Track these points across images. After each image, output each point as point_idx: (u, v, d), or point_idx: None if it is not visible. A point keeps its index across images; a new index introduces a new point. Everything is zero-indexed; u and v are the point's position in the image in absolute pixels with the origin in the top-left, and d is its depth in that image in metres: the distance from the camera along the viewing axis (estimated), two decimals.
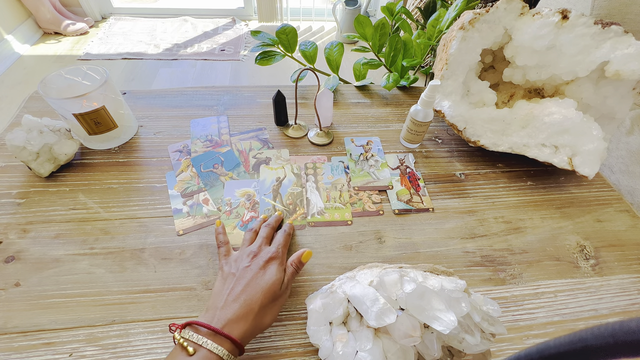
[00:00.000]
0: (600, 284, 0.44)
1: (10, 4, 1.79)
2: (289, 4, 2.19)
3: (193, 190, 0.51)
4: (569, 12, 0.49)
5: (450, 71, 0.54)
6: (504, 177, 0.57)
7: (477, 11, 0.51)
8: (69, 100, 0.48)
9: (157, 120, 0.62)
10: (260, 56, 0.68)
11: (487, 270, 0.45)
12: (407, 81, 0.72)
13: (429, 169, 0.57)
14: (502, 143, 0.55)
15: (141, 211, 0.48)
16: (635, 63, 0.46)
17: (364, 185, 0.54)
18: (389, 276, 0.33)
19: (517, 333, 0.39)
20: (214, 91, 0.69)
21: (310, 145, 0.60)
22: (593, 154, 0.50)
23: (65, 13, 1.99)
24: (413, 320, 0.30)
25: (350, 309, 0.34)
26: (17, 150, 0.47)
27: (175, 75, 1.78)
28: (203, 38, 2.08)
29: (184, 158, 0.55)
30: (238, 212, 0.49)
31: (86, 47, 1.90)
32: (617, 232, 0.50)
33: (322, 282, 0.42)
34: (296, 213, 0.50)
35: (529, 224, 0.51)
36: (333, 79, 0.66)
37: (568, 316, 0.41)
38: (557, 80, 0.54)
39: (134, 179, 0.52)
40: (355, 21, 0.68)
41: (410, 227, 0.49)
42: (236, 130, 0.61)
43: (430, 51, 0.72)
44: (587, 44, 0.48)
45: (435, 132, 0.64)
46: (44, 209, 0.47)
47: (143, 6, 2.26)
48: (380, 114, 0.67)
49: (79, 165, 0.53)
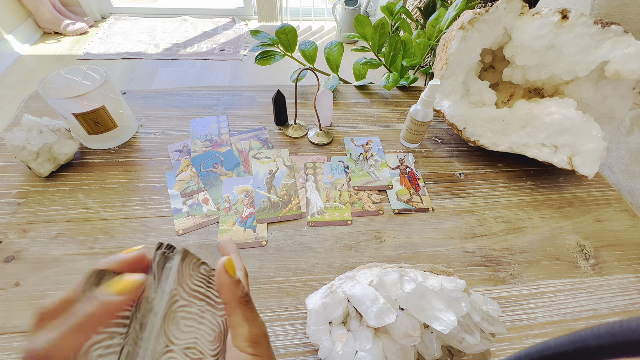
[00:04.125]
0: (600, 284, 0.44)
1: (10, 4, 1.79)
2: (289, 4, 2.19)
3: (193, 190, 0.51)
4: (568, 12, 0.49)
5: (450, 71, 0.54)
6: (504, 177, 0.57)
7: (477, 11, 0.51)
8: (69, 100, 0.48)
9: (157, 120, 0.62)
10: (260, 56, 0.67)
11: (487, 270, 0.45)
12: (407, 81, 0.72)
13: (429, 169, 0.57)
14: (502, 143, 0.55)
15: (141, 211, 0.48)
16: (635, 63, 0.46)
17: (364, 185, 0.54)
18: (389, 276, 0.33)
19: (517, 333, 0.39)
20: (214, 91, 0.69)
21: (310, 145, 0.60)
22: (593, 154, 0.50)
23: (65, 13, 1.99)
24: (413, 320, 0.30)
25: (350, 309, 0.34)
26: (17, 150, 0.47)
27: (175, 75, 1.78)
28: (203, 38, 2.08)
29: (184, 158, 0.55)
30: (237, 209, 0.49)
31: (86, 47, 1.90)
32: (617, 232, 0.50)
33: (322, 282, 0.42)
34: (291, 204, 0.50)
35: (529, 224, 0.51)
36: (333, 79, 0.66)
37: (568, 316, 0.41)
38: (557, 80, 0.54)
39: (134, 179, 0.52)
40: (355, 21, 0.68)
41: (410, 227, 0.49)
42: (236, 130, 0.61)
43: (430, 51, 0.72)
44: (587, 44, 0.48)
45: (435, 132, 0.64)
46: (44, 209, 0.47)
47: (143, 6, 2.26)
48: (380, 114, 0.67)
49: (79, 165, 0.53)
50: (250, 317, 0.20)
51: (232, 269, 0.20)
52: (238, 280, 0.20)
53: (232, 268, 0.20)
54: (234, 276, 0.20)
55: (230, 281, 0.19)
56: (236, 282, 0.20)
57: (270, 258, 0.45)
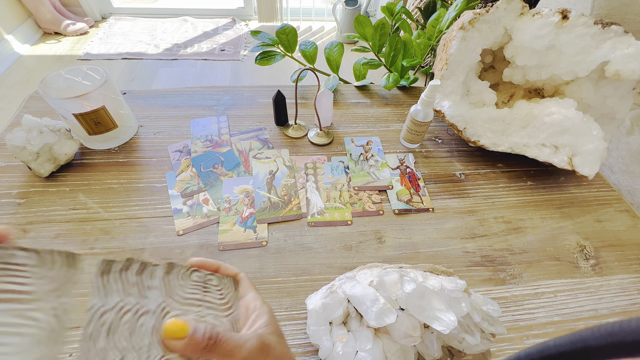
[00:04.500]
0: (600, 284, 0.44)
1: (10, 4, 1.79)
2: (289, 4, 2.19)
3: (193, 190, 0.51)
4: (568, 12, 0.49)
5: (450, 71, 0.54)
6: (504, 177, 0.57)
7: (477, 11, 0.51)
8: (69, 100, 0.48)
9: (157, 120, 0.62)
10: (260, 56, 0.67)
11: (487, 270, 0.45)
12: (407, 81, 0.72)
13: (429, 169, 0.57)
14: (502, 143, 0.55)
15: (141, 211, 0.48)
16: (635, 63, 0.46)
17: (364, 185, 0.54)
18: (389, 276, 0.33)
19: (517, 333, 0.39)
20: (214, 91, 0.69)
21: (310, 145, 0.60)
22: (593, 154, 0.50)
23: (65, 13, 1.99)
24: (413, 320, 0.30)
25: (350, 309, 0.34)
26: (17, 150, 0.47)
27: (175, 75, 1.78)
28: (203, 38, 2.08)
29: (184, 158, 0.55)
30: (237, 209, 0.49)
31: (86, 47, 1.90)
32: (617, 232, 0.50)
33: (322, 282, 0.42)
34: (291, 204, 0.50)
35: (529, 224, 0.51)
36: (333, 79, 0.66)
37: (568, 316, 0.41)
38: (557, 80, 0.54)
39: (134, 179, 0.52)
40: (355, 21, 0.68)
41: (410, 227, 0.49)
42: (236, 130, 0.61)
43: (430, 51, 0.72)
44: (587, 44, 0.48)
45: (435, 132, 0.64)
46: (44, 209, 0.47)
47: (143, 6, 2.26)
48: (380, 114, 0.67)
49: (79, 165, 0.53)
50: (228, 351, 0.19)
51: (175, 331, 0.18)
52: (192, 335, 0.18)
53: (175, 330, 0.18)
54: (183, 335, 0.18)
55: (182, 345, 0.18)
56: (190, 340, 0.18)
57: (270, 258, 0.45)
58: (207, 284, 0.22)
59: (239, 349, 0.19)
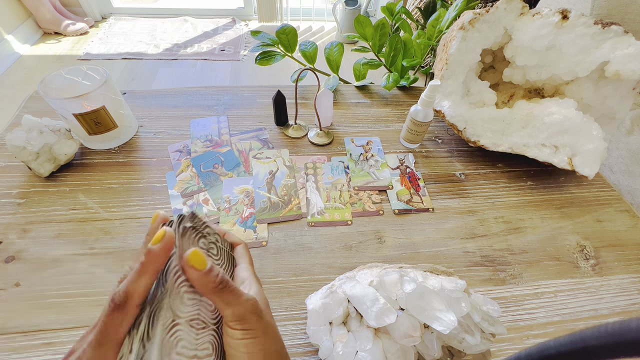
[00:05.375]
0: (600, 284, 0.44)
1: (10, 4, 1.79)
2: (289, 4, 2.19)
3: (193, 190, 0.51)
4: (568, 12, 0.49)
5: (450, 71, 0.54)
6: (504, 177, 0.57)
7: (477, 11, 0.51)
8: (69, 100, 0.48)
9: (157, 120, 0.62)
10: (260, 56, 0.67)
11: (487, 270, 0.45)
12: (407, 81, 0.72)
13: (429, 169, 0.57)
14: (502, 143, 0.55)
15: (141, 211, 0.48)
16: (635, 63, 0.46)
17: (364, 185, 0.54)
18: (389, 276, 0.33)
19: (517, 333, 0.39)
20: (214, 91, 0.69)
21: (310, 145, 0.60)
22: (593, 154, 0.50)
23: (65, 13, 1.99)
24: (413, 320, 0.30)
25: (350, 309, 0.34)
26: (17, 150, 0.47)
27: (175, 75, 1.78)
28: (203, 38, 2.08)
29: (184, 158, 0.55)
30: (237, 209, 0.49)
31: (86, 47, 1.90)
32: (617, 232, 0.50)
33: (322, 282, 0.42)
34: (291, 204, 0.50)
35: (529, 224, 0.51)
36: (333, 79, 0.66)
37: (568, 316, 0.41)
38: (557, 80, 0.54)
39: (134, 179, 0.52)
40: (355, 21, 0.68)
41: (410, 227, 0.49)
42: (236, 130, 0.61)
43: (430, 51, 0.72)
44: (587, 44, 0.48)
45: (435, 132, 0.64)
46: (44, 209, 0.47)
47: (143, 6, 2.26)
48: (380, 114, 0.67)
49: (79, 165, 0.53)
50: (229, 300, 0.20)
51: (196, 261, 0.19)
52: (207, 271, 0.19)
53: (196, 260, 0.19)
54: (200, 268, 0.19)
55: (197, 275, 0.19)
56: (204, 275, 0.19)
57: (270, 258, 0.45)
58: (209, 252, 0.24)
59: (239, 302, 0.20)
